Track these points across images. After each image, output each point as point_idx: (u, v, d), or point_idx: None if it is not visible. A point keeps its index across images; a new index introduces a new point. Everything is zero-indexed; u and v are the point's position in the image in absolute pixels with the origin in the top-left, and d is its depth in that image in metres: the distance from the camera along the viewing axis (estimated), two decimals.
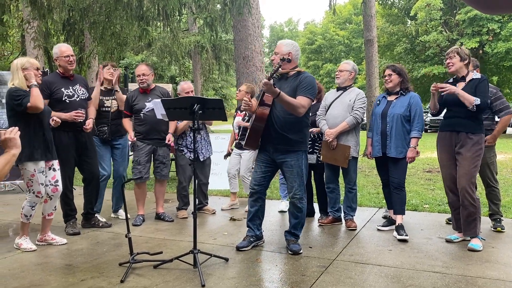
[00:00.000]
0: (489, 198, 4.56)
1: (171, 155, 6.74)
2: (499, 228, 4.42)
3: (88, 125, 4.41)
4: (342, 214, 4.79)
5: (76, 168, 4.55)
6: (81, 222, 4.62)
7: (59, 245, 4.01)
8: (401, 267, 3.42)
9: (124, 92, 5.02)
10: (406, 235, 4.12)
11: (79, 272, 3.33)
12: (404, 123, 4.26)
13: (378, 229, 4.51)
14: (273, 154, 3.81)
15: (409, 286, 3.03)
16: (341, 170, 4.75)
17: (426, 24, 22.95)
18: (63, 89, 4.31)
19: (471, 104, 3.75)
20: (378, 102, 4.53)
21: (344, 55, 41.20)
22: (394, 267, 3.41)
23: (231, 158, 5.62)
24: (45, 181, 3.92)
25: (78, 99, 4.40)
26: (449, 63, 3.98)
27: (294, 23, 64.49)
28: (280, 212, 5.36)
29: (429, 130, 23.54)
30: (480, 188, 4.82)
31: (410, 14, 24.81)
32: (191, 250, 3.37)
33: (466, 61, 3.94)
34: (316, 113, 4.75)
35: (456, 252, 3.78)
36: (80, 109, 4.30)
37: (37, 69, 3.88)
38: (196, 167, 5.07)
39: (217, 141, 6.95)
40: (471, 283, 3.09)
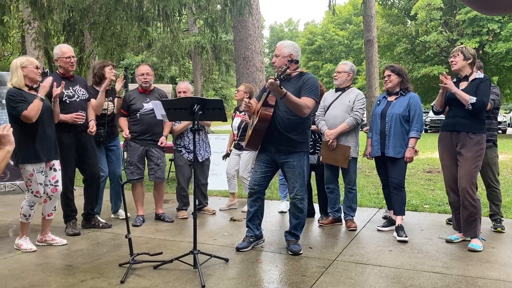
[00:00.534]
0: (490, 199, 4.56)
1: (170, 156, 6.78)
2: (499, 229, 4.41)
3: (92, 127, 4.40)
4: (342, 215, 4.79)
5: (77, 169, 4.55)
6: (81, 223, 4.62)
7: (59, 245, 4.01)
8: (401, 267, 3.42)
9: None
10: (406, 237, 4.11)
11: (79, 272, 3.33)
12: (403, 123, 4.25)
13: (378, 230, 4.51)
14: (274, 154, 3.80)
15: (409, 287, 3.03)
16: (340, 171, 4.75)
17: (426, 24, 22.97)
18: (63, 90, 4.29)
19: (467, 103, 3.76)
20: (378, 102, 4.54)
21: (344, 55, 41.22)
22: (394, 268, 3.41)
23: (230, 158, 5.62)
24: (45, 181, 3.91)
25: (78, 99, 4.40)
26: (453, 61, 3.99)
27: (294, 23, 64.50)
28: (280, 212, 5.36)
29: (429, 130, 23.56)
30: (481, 188, 4.81)
31: (410, 14, 24.83)
32: (191, 250, 3.37)
33: (469, 61, 3.94)
34: (315, 114, 4.75)
35: (456, 253, 3.78)
36: (80, 111, 4.30)
37: (36, 67, 3.86)
38: (195, 168, 5.09)
39: (217, 141, 6.96)
40: (471, 283, 3.09)
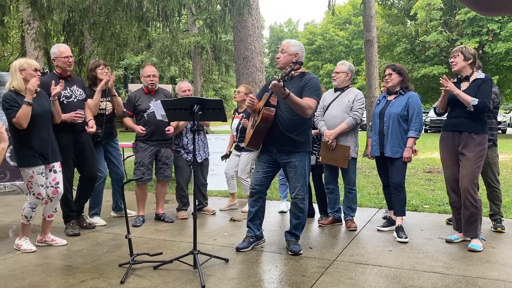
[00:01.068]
0: (490, 199, 4.56)
1: None
2: (499, 229, 4.41)
3: (92, 127, 4.39)
4: (342, 215, 4.79)
5: (77, 169, 4.54)
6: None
7: (59, 246, 4.01)
8: (401, 267, 3.41)
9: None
10: (406, 238, 4.11)
11: (79, 273, 3.32)
12: (402, 122, 4.24)
13: (378, 230, 4.51)
14: (276, 155, 3.80)
15: (409, 287, 3.03)
16: (340, 171, 4.75)
17: (426, 24, 22.97)
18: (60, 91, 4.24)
19: (469, 105, 3.75)
20: (378, 101, 4.53)
21: (344, 55, 41.23)
22: (394, 268, 3.41)
23: (230, 159, 5.61)
24: (46, 182, 3.90)
25: (76, 100, 4.38)
26: (453, 62, 3.98)
27: (294, 23, 64.45)
28: (280, 212, 5.36)
29: (429, 131, 23.56)
30: (481, 188, 4.81)
31: (410, 14, 24.83)
32: (191, 251, 3.37)
33: (470, 61, 3.93)
34: (314, 114, 4.74)
35: (457, 253, 3.78)
36: (78, 110, 4.29)
37: (35, 70, 3.82)
38: (195, 168, 5.08)
39: (217, 141, 6.95)
40: (472, 283, 3.09)
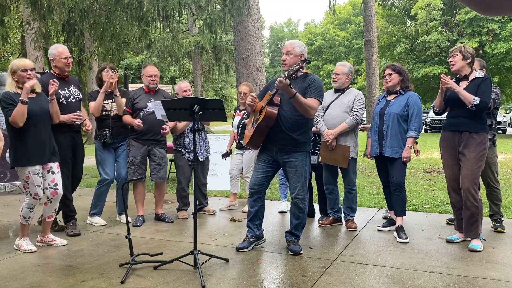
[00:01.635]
0: (490, 199, 4.55)
1: (170, 156, 6.77)
2: (499, 229, 4.41)
3: (89, 126, 4.39)
4: (342, 215, 4.79)
5: (81, 169, 4.54)
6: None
7: (59, 246, 4.01)
8: (402, 267, 3.41)
9: (124, 95, 4.92)
10: (406, 238, 4.11)
11: (79, 273, 3.32)
12: (401, 122, 4.24)
13: (378, 230, 4.51)
14: (276, 154, 3.79)
15: (409, 287, 3.03)
16: (340, 171, 4.75)
17: (426, 24, 22.97)
18: (59, 90, 4.22)
19: (470, 103, 3.74)
20: (378, 101, 4.53)
21: (344, 55, 41.23)
22: (394, 268, 3.40)
23: (233, 158, 5.59)
24: (44, 184, 3.89)
25: (74, 100, 4.39)
26: (452, 61, 3.98)
27: (294, 23, 64.46)
28: (281, 212, 5.36)
29: (429, 131, 23.55)
30: (481, 188, 4.80)
31: (410, 15, 24.83)
32: (191, 251, 3.37)
33: (469, 60, 3.92)
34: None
35: (457, 253, 3.78)
36: (77, 111, 4.31)
37: (24, 70, 3.72)
38: (195, 168, 5.08)
39: (217, 141, 6.95)
40: (472, 283, 3.08)
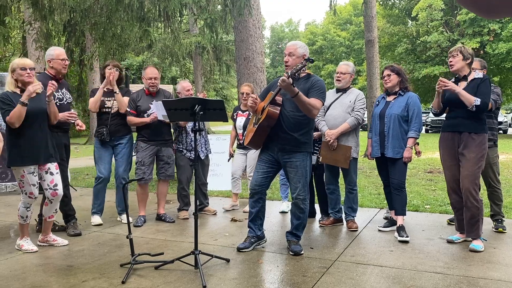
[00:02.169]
0: (491, 199, 4.55)
1: None
2: (500, 229, 4.41)
3: (82, 126, 4.37)
4: (343, 215, 4.79)
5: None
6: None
7: (60, 246, 4.02)
8: (403, 268, 3.41)
9: (127, 93, 4.94)
10: (407, 237, 4.11)
11: (80, 273, 3.33)
12: (402, 123, 4.25)
13: (379, 230, 4.51)
14: (277, 154, 3.79)
15: (410, 287, 3.03)
16: (341, 171, 4.75)
17: (427, 24, 22.97)
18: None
19: (471, 104, 3.74)
20: (377, 102, 4.54)
21: (345, 56, 41.23)
22: (395, 268, 3.40)
23: (236, 159, 5.56)
24: (44, 185, 3.89)
25: (66, 103, 4.42)
26: (452, 61, 3.97)
27: (294, 23, 64.45)
28: (281, 213, 5.36)
29: (429, 131, 23.55)
30: (482, 188, 4.80)
31: (411, 15, 24.82)
32: (192, 251, 3.37)
33: (468, 60, 3.92)
34: None
35: (458, 253, 3.78)
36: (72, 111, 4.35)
37: (24, 68, 3.73)
38: (196, 167, 5.08)
39: (218, 142, 6.94)
40: (473, 284, 3.08)
